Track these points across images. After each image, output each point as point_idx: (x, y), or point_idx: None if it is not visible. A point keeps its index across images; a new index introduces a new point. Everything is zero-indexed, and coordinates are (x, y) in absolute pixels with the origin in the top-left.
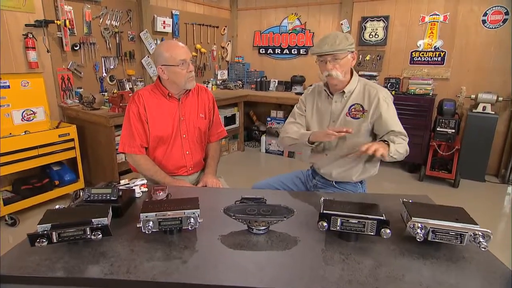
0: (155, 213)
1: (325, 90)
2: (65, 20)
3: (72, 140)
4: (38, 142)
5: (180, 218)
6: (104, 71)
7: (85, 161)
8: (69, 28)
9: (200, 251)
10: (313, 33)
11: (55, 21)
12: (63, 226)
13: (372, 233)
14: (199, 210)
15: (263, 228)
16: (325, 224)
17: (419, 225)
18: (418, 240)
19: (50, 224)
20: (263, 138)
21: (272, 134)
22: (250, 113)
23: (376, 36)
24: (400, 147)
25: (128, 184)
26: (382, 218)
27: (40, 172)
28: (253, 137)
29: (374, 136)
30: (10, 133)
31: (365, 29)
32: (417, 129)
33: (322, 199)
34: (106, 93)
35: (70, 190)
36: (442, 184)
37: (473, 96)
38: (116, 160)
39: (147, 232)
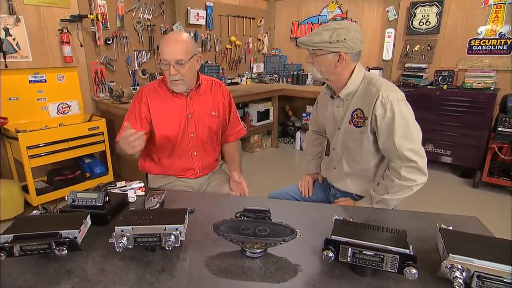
0: (132, 227)
1: (325, 93)
2: (97, 14)
3: (102, 133)
4: (70, 135)
5: (158, 235)
6: (136, 64)
7: (115, 154)
8: (102, 22)
9: (178, 276)
10: (355, 22)
11: (89, 16)
12: (26, 238)
13: (393, 271)
14: (183, 225)
15: (259, 250)
16: (331, 254)
17: (459, 266)
18: (457, 287)
19: (12, 235)
20: (298, 134)
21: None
22: (286, 108)
23: (428, 23)
24: (392, 199)
25: (125, 186)
26: (406, 252)
27: (73, 164)
28: (288, 133)
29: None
30: (46, 126)
31: (414, 16)
32: (472, 128)
33: (334, 218)
34: (138, 87)
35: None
36: (502, 192)
37: None
38: None
39: (117, 250)
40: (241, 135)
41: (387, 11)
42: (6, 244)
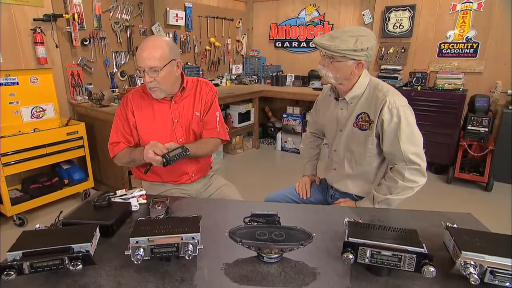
0: (147, 237)
1: (329, 95)
2: (73, 14)
3: (81, 138)
4: (46, 140)
5: (176, 245)
6: (114, 66)
7: (95, 159)
8: (78, 22)
9: (199, 286)
10: (332, 25)
11: (64, 15)
12: (37, 254)
13: (410, 269)
14: (199, 234)
15: (276, 256)
16: (351, 256)
17: (472, 262)
18: (473, 283)
19: (21, 252)
20: (279, 135)
21: (288, 131)
22: (266, 109)
23: (401, 27)
24: (394, 199)
25: (125, 195)
26: (423, 251)
27: (49, 170)
28: (268, 134)
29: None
30: (20, 131)
31: (388, 20)
32: (445, 127)
33: (346, 220)
34: (117, 89)
35: (80, 189)
36: (472, 187)
37: (509, 91)
38: None
39: (136, 262)
40: (209, 136)
41: (363, 15)
42: (15, 262)
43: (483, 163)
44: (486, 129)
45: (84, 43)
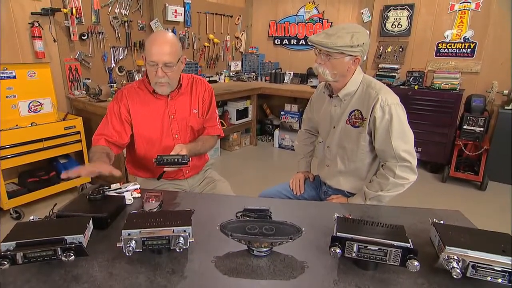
0: (139, 230)
1: (323, 92)
2: (72, 8)
3: (78, 132)
4: (44, 135)
5: (167, 237)
6: (113, 61)
7: None
8: (76, 17)
9: (189, 277)
10: (331, 22)
11: (62, 9)
12: (30, 245)
13: (396, 264)
14: (191, 227)
15: (266, 249)
16: (338, 250)
17: (455, 257)
18: (455, 277)
19: (15, 243)
20: (276, 132)
21: (286, 129)
22: (264, 106)
23: (399, 26)
24: (385, 196)
25: (120, 188)
26: (408, 246)
27: (47, 164)
28: (266, 131)
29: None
30: (17, 125)
31: (387, 19)
32: (441, 126)
33: (335, 215)
34: (114, 84)
35: (77, 184)
36: (467, 186)
37: (505, 91)
38: (123, 154)
39: (127, 254)
40: (214, 133)
41: (362, 13)
42: (8, 252)
43: (478, 162)
44: (482, 129)
45: (82, 37)
